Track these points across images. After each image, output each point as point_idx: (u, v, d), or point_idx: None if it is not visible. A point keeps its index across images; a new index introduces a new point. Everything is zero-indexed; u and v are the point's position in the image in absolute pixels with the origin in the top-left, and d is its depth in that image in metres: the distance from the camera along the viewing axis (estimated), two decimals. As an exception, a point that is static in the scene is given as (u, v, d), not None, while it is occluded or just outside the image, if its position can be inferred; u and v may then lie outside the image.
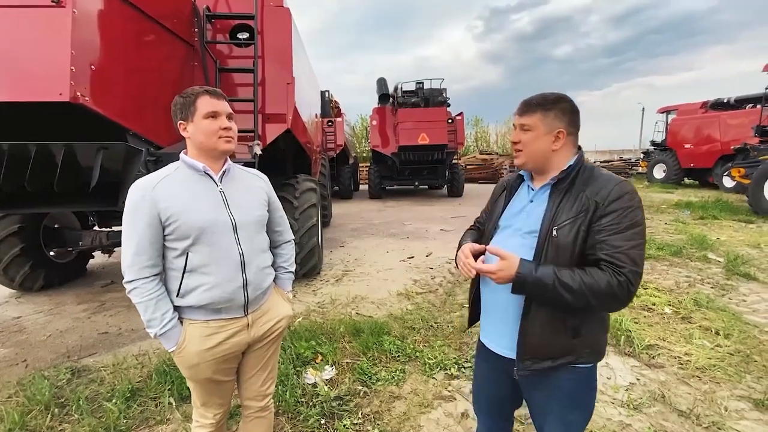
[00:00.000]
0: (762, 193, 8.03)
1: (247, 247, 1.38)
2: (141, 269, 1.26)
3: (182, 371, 1.40)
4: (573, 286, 1.04)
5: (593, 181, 1.13)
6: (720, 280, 4.37)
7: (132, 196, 1.27)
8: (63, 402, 2.36)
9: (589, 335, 1.14)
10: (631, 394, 2.35)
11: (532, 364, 1.15)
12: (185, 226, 1.27)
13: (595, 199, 1.08)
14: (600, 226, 1.07)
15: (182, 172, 1.34)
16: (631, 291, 1.04)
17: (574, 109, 1.17)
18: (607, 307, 1.13)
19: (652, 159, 16.60)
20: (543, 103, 1.16)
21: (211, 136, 1.31)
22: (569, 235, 1.09)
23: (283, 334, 1.61)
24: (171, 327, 1.29)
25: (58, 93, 2.07)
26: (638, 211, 1.08)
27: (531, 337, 1.14)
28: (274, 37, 3.79)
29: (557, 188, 1.16)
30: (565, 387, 1.18)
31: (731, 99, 14.10)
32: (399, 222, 8.91)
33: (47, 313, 3.88)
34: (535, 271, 1.07)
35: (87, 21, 2.25)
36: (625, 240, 1.04)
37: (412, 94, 13.22)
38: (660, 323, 3.28)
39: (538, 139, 1.16)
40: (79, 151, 2.45)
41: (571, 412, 1.20)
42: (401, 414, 2.21)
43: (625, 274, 1.02)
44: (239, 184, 1.43)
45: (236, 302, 1.36)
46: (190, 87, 1.36)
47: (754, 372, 2.55)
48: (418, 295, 4.15)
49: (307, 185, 4.61)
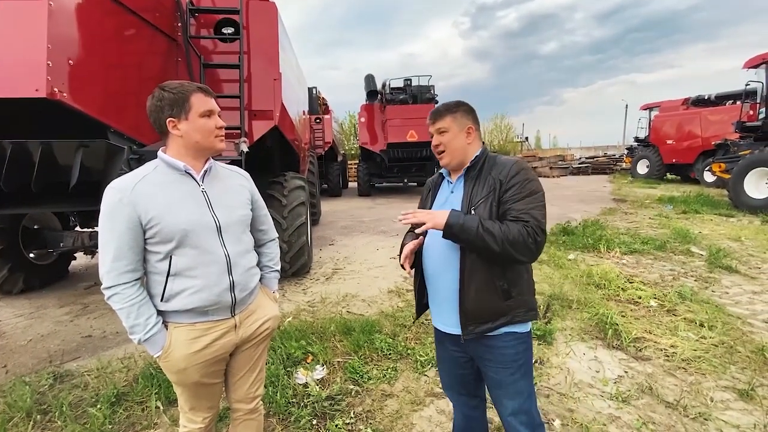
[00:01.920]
0: (742, 188, 8.22)
1: (233, 248, 1.34)
2: (120, 274, 1.20)
3: (169, 376, 1.36)
4: (493, 231, 1.22)
5: (496, 165, 1.35)
6: (703, 273, 4.47)
7: (109, 198, 1.20)
8: (45, 408, 2.29)
9: (519, 297, 1.32)
10: (619, 386, 2.38)
11: (475, 328, 1.32)
12: (168, 229, 1.21)
13: (499, 178, 1.30)
14: (506, 197, 1.28)
15: (161, 171, 1.28)
16: (537, 240, 1.23)
17: (473, 110, 1.44)
18: (521, 252, 1.24)
19: (635, 155, 16.90)
20: (449, 107, 1.41)
21: (208, 135, 1.28)
22: (485, 211, 1.29)
23: (271, 335, 1.57)
24: (155, 332, 1.25)
25: (34, 89, 1.99)
26: (535, 182, 1.30)
27: (468, 303, 1.31)
28: (259, 32, 3.73)
29: (469, 176, 1.39)
30: (511, 355, 1.34)
31: (712, 96, 14.44)
32: (388, 219, 8.89)
33: (28, 316, 3.77)
34: (462, 218, 1.26)
35: (64, 14, 2.17)
36: (527, 204, 1.26)
37: (400, 91, 13.19)
38: (646, 316, 3.34)
39: (455, 138, 1.39)
40: (57, 149, 2.36)
41: (522, 379, 1.37)
42: (393, 412, 2.20)
43: (531, 226, 1.23)
44: (222, 183, 1.39)
45: (223, 304, 1.33)
46: (172, 81, 1.29)
47: (738, 363, 2.61)
48: (408, 292, 4.15)
49: (295, 183, 4.56)
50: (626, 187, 14.09)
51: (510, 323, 1.32)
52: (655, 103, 16.48)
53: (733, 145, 10.20)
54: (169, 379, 1.38)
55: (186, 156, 1.30)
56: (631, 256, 5.14)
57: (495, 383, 1.40)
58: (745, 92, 10.12)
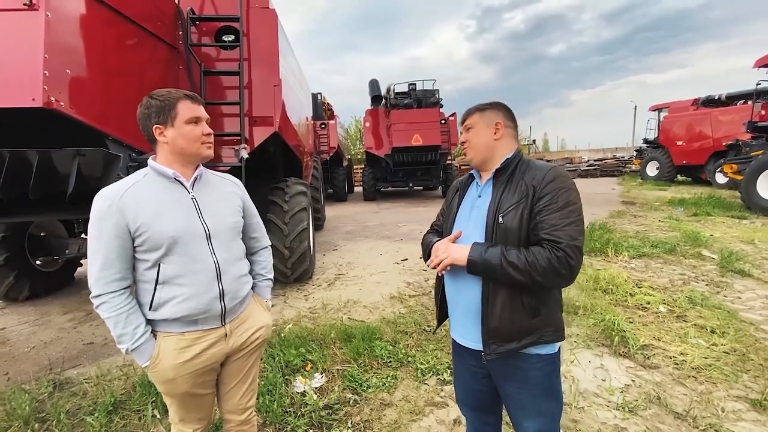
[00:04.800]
0: (755, 189, 8.05)
1: (222, 256, 1.33)
2: (108, 283, 1.20)
3: (158, 386, 1.34)
4: (518, 265, 1.12)
5: (530, 170, 1.24)
6: (714, 277, 4.35)
7: (97, 205, 1.21)
8: (44, 416, 2.28)
9: (548, 314, 1.21)
10: (626, 396, 2.30)
11: (498, 347, 1.21)
12: (156, 237, 1.21)
13: (533, 184, 1.19)
14: (539, 206, 1.17)
15: (151, 179, 1.28)
16: (571, 264, 1.11)
17: (507, 108, 1.34)
18: (553, 282, 1.15)
19: (644, 156, 16.67)
20: (479, 106, 1.34)
21: (194, 142, 1.28)
22: (514, 220, 1.18)
23: (264, 345, 1.55)
24: (143, 341, 1.24)
25: (30, 98, 2.00)
26: (572, 192, 1.17)
27: (493, 320, 1.21)
28: (259, 39, 3.74)
29: (498, 179, 1.28)
30: (536, 377, 1.24)
31: (722, 96, 14.18)
32: (393, 224, 8.86)
33: (32, 323, 3.80)
34: (484, 253, 1.17)
35: (61, 24, 2.18)
36: (562, 218, 1.14)
37: (404, 96, 13.22)
38: (655, 322, 3.24)
39: (480, 133, 1.31)
40: (54, 157, 2.38)
41: (545, 401, 1.26)
42: (392, 422, 2.15)
43: (563, 249, 1.10)
44: (212, 191, 1.38)
45: (213, 313, 1.31)
46: (162, 89, 1.30)
47: (750, 371, 2.52)
48: (411, 297, 4.10)
49: (297, 189, 4.54)
50: (635, 189, 13.88)
51: (536, 343, 1.21)
52: (664, 104, 16.25)
53: (744, 145, 10.02)
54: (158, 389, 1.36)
55: (174, 163, 1.30)
56: (640, 260, 5.04)
57: (515, 403, 1.29)
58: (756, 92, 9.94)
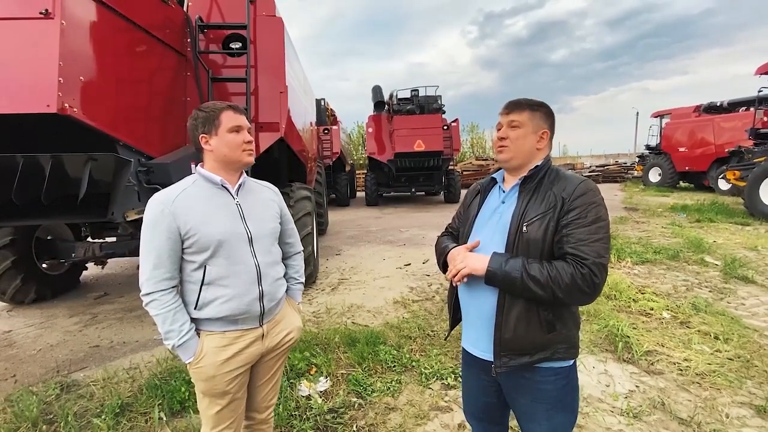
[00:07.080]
0: (758, 196, 8.05)
1: (263, 259, 1.40)
2: (159, 282, 1.27)
3: (198, 385, 1.39)
4: (540, 279, 1.08)
5: (559, 180, 1.19)
6: (718, 283, 4.35)
7: (151, 209, 1.28)
8: (51, 418, 2.31)
9: (563, 330, 1.17)
10: (630, 401, 2.31)
11: (510, 360, 1.18)
12: (204, 239, 1.29)
13: (562, 195, 1.14)
14: (566, 220, 1.12)
15: (200, 185, 1.37)
16: (595, 282, 1.07)
17: (553, 115, 1.27)
18: (575, 299, 1.12)
19: (647, 163, 16.66)
20: (531, 104, 1.24)
21: (235, 149, 1.35)
22: (539, 230, 1.14)
23: (293, 346, 1.61)
24: (188, 338, 1.31)
25: (45, 104, 2.05)
26: (601, 208, 1.13)
27: (506, 332, 1.17)
28: (266, 46, 3.80)
29: (525, 187, 1.22)
30: (549, 390, 1.20)
31: (724, 102, 14.22)
32: (396, 229, 8.88)
33: (38, 326, 3.82)
34: (504, 265, 1.12)
35: (76, 32, 2.24)
36: (590, 233, 1.09)
37: (407, 102, 13.28)
38: (658, 328, 3.25)
39: (527, 137, 1.22)
40: (67, 162, 2.42)
41: (558, 414, 1.22)
42: (396, 426, 2.17)
43: (588, 266, 1.06)
44: (254, 197, 1.46)
45: (252, 313, 1.38)
46: (208, 102, 1.40)
47: (755, 377, 2.52)
48: (414, 302, 4.11)
49: (301, 193, 4.59)
50: (638, 195, 13.87)
51: (549, 359, 1.17)
52: (665, 111, 16.28)
53: (747, 152, 10.02)
54: (197, 389, 1.41)
55: (219, 170, 1.38)
56: (643, 266, 5.04)
57: (527, 416, 1.25)
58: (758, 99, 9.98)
